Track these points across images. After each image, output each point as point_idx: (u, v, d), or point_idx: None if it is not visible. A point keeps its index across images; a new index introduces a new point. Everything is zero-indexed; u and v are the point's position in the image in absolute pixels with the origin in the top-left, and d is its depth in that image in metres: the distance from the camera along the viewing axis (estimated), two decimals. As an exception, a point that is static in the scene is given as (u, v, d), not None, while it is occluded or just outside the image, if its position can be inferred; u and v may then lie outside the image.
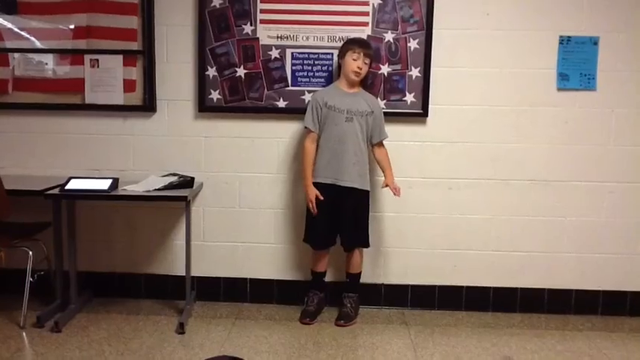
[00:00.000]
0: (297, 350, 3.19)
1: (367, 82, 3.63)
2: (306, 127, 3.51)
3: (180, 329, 3.36)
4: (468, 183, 3.73)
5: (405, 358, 3.14)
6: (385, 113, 3.63)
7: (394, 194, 3.50)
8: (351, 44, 3.46)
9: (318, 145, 3.51)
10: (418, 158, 3.73)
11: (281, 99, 3.68)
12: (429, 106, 3.66)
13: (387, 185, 3.52)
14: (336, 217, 3.51)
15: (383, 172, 3.57)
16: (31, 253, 3.40)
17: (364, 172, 3.51)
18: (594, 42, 3.61)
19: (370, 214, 3.61)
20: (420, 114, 3.67)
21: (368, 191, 3.55)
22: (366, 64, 3.44)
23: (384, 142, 3.56)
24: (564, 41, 3.61)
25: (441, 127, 3.70)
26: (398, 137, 3.68)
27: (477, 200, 3.74)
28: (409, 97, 3.66)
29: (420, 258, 3.79)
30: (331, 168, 3.47)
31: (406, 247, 3.79)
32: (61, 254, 3.57)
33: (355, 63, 3.42)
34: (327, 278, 3.72)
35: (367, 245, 3.61)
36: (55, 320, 3.34)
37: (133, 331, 3.37)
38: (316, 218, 3.52)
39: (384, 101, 3.66)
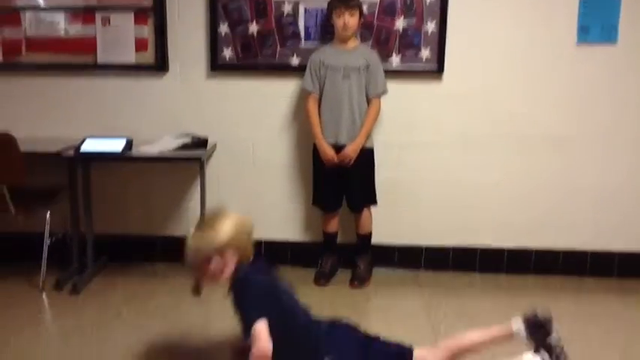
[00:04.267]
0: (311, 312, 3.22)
1: (381, 37, 3.56)
2: (305, 89, 3.48)
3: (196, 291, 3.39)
4: (484, 142, 3.66)
5: (418, 319, 3.16)
6: (400, 71, 3.58)
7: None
8: (332, 4, 3.40)
9: (320, 105, 3.47)
10: (433, 116, 3.66)
11: (294, 55, 3.61)
12: (445, 61, 3.58)
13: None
14: (342, 177, 3.49)
15: None
16: (48, 216, 3.42)
17: None
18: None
19: (383, 174, 3.59)
20: (435, 70, 3.59)
21: (371, 149, 3.51)
22: (352, 16, 3.35)
23: (393, 104, 3.51)
24: (586, -9, 3.48)
25: (456, 84, 3.61)
26: (413, 95, 3.63)
27: (491, 160, 3.69)
28: (424, 53, 3.58)
29: (434, 219, 3.76)
30: (331, 128, 3.45)
31: (420, 207, 3.76)
32: (77, 217, 3.58)
33: (340, 20, 3.35)
34: (340, 240, 3.71)
35: (374, 203, 3.59)
36: (74, 283, 3.39)
37: (149, 293, 3.41)
38: (323, 180, 3.52)
39: (400, 56, 3.59)
